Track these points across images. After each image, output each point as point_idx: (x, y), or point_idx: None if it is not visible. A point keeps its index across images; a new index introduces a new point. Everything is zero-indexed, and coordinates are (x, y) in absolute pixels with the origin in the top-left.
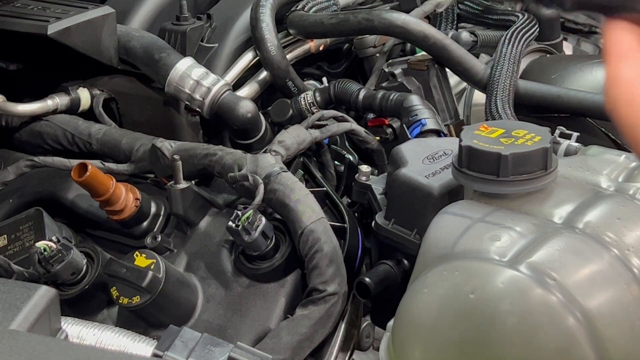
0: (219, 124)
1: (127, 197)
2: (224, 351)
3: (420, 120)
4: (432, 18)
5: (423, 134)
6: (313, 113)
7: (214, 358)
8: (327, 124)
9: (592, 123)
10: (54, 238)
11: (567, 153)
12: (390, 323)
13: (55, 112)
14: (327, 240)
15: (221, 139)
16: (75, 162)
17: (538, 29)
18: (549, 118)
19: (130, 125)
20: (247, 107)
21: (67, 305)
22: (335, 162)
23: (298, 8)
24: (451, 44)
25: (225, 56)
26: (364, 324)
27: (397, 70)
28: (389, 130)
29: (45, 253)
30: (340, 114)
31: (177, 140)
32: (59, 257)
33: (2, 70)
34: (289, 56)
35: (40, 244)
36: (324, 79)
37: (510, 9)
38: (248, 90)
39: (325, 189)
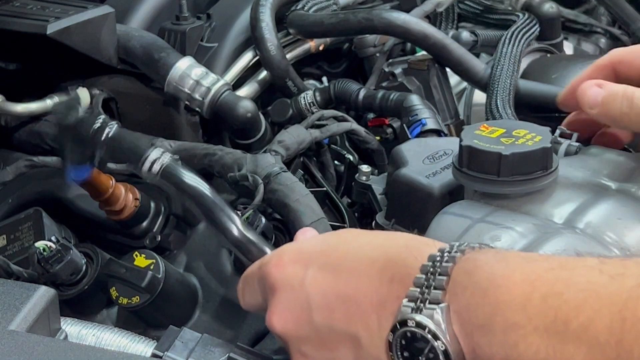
0: (218, 123)
1: (126, 197)
2: (224, 351)
3: (420, 120)
4: (432, 18)
5: (423, 133)
6: (313, 113)
7: (214, 358)
8: (327, 124)
9: None
10: (53, 238)
11: (568, 153)
12: None
13: None
14: None
15: (221, 139)
16: None
17: (538, 29)
18: (550, 118)
19: (130, 125)
20: (247, 107)
21: (66, 305)
22: (335, 162)
23: (298, 8)
24: (451, 44)
25: (225, 56)
26: None
27: (397, 70)
28: (389, 130)
29: (45, 253)
30: (340, 113)
31: (177, 140)
32: (58, 257)
33: (1, 70)
34: (289, 56)
35: (40, 244)
36: (324, 79)
37: (510, 8)
38: (248, 90)
39: (325, 189)
